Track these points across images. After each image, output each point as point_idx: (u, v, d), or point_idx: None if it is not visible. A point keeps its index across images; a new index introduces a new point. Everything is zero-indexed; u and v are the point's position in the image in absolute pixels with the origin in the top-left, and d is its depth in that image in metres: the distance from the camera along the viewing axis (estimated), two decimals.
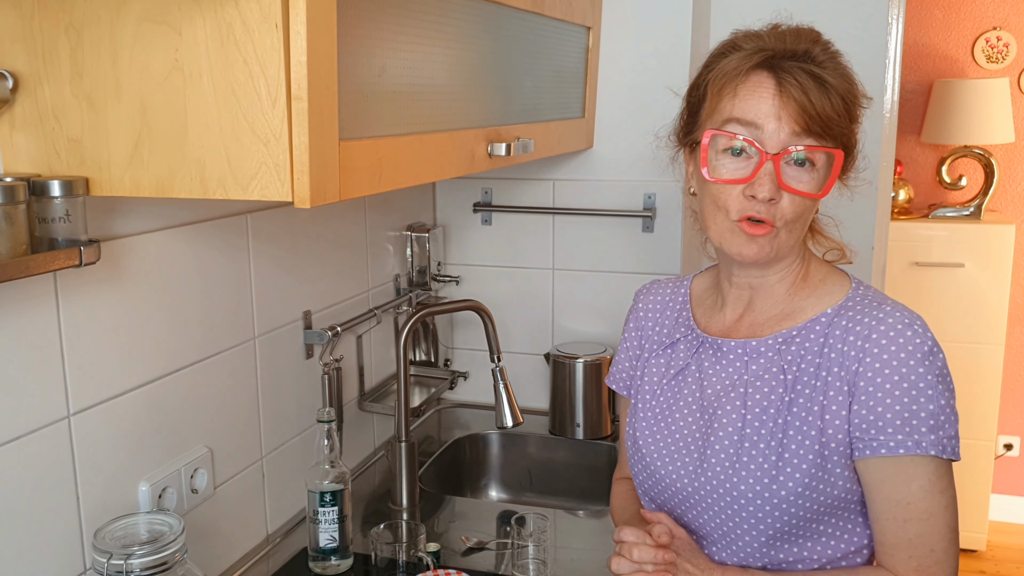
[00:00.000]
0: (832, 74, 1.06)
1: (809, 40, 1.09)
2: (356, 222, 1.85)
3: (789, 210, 1.07)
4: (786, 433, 1.09)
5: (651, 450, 1.21)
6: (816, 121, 1.04)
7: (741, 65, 1.07)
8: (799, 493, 1.08)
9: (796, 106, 1.04)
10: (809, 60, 1.06)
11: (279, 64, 0.90)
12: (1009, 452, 3.73)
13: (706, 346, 1.20)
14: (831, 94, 1.05)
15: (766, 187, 1.05)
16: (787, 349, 1.13)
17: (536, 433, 2.11)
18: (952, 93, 3.41)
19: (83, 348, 1.15)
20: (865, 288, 1.15)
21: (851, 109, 1.08)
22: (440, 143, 1.25)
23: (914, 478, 1.05)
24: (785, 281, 1.17)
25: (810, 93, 1.04)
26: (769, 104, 1.05)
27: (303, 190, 0.93)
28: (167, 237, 1.29)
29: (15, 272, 0.93)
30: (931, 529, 1.06)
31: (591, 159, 2.11)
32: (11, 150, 1.02)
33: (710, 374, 1.18)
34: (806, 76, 1.04)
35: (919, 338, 1.05)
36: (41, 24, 0.97)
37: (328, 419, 1.47)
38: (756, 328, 1.17)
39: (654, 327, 1.30)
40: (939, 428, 1.04)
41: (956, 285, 3.34)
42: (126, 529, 1.12)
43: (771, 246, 1.09)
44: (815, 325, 1.12)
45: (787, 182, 1.06)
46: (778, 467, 1.09)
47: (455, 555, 1.54)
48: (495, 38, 1.44)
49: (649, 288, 1.35)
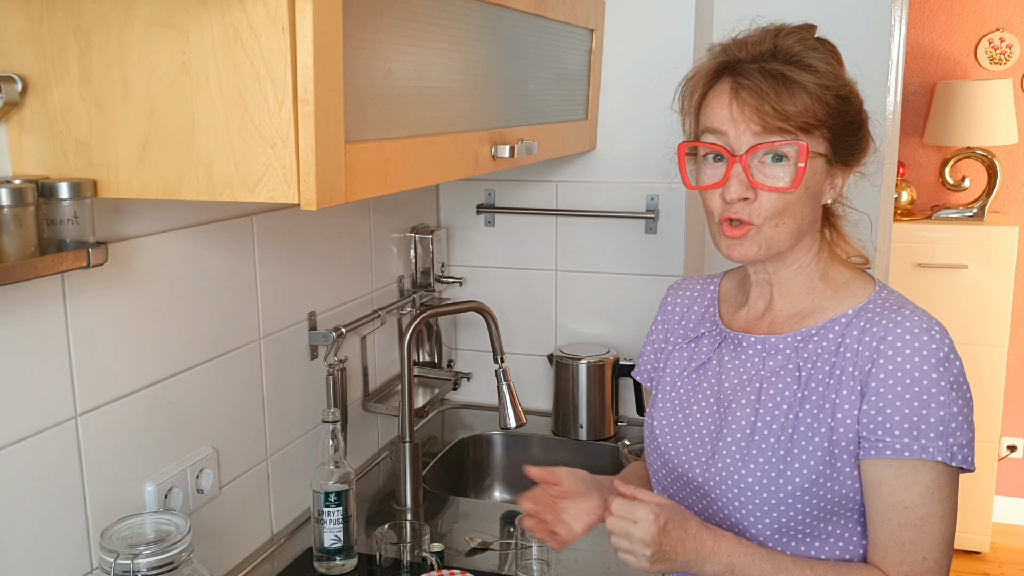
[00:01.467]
0: (799, 66, 1.07)
1: (777, 36, 1.10)
2: (360, 224, 1.85)
3: (768, 206, 1.09)
4: (796, 429, 1.11)
5: (666, 439, 1.23)
6: (774, 117, 1.06)
7: (700, 77, 1.14)
8: (805, 489, 1.09)
9: (750, 107, 1.07)
10: (773, 58, 1.09)
11: (285, 67, 0.91)
12: (1013, 454, 3.72)
13: (727, 341, 1.22)
14: (793, 87, 1.06)
15: (732, 188, 1.09)
16: (804, 347, 1.14)
17: (539, 434, 2.11)
18: (955, 94, 3.41)
19: (90, 349, 1.16)
20: (888, 292, 1.15)
21: (825, 95, 1.07)
22: (445, 145, 1.26)
23: (915, 483, 1.05)
24: (801, 276, 1.17)
25: (764, 92, 1.06)
26: (727, 110, 1.09)
27: (309, 192, 0.93)
28: (174, 239, 1.29)
29: (24, 273, 0.94)
30: (925, 536, 1.06)
31: (594, 161, 2.11)
32: (20, 152, 1.03)
33: (728, 368, 1.20)
34: (762, 75, 1.07)
35: (935, 344, 1.05)
36: (50, 27, 0.98)
37: (333, 420, 1.48)
38: (776, 325, 1.19)
39: (680, 320, 1.32)
40: (948, 435, 1.04)
41: (959, 287, 3.34)
42: (133, 529, 1.12)
43: (756, 244, 1.11)
44: (834, 325, 1.13)
45: (759, 180, 1.09)
46: (786, 461, 1.10)
47: (459, 555, 1.55)
48: (499, 41, 1.44)
49: (680, 284, 1.37)
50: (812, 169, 1.09)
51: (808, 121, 1.07)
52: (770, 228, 1.10)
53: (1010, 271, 3.29)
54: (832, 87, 1.08)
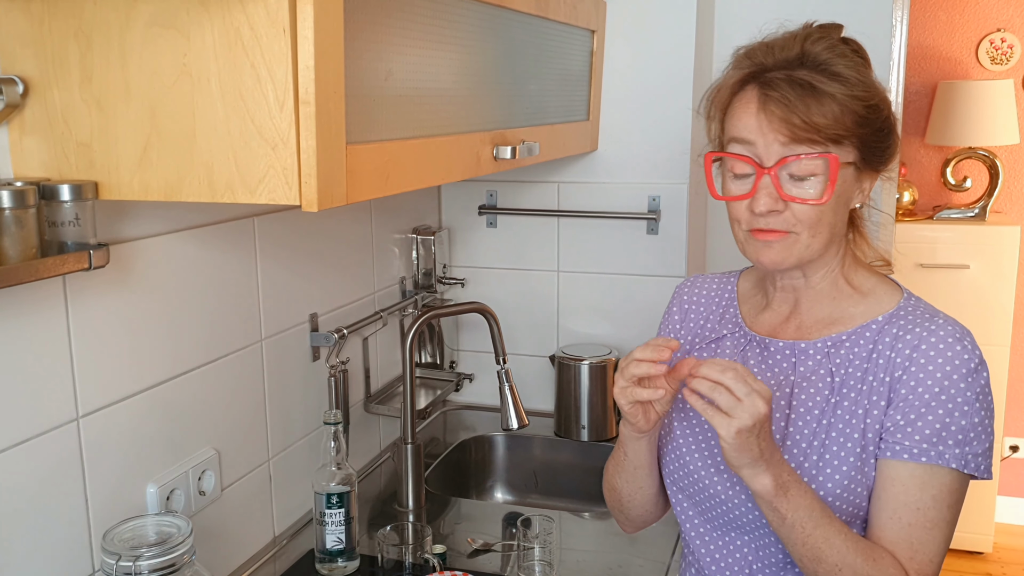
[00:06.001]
0: (827, 75, 1.05)
1: (806, 41, 1.08)
2: (362, 225, 1.85)
3: (803, 216, 1.08)
4: (829, 435, 1.10)
5: (688, 441, 1.20)
6: (803, 129, 1.04)
7: (728, 85, 1.12)
8: (837, 495, 1.08)
9: (778, 119, 1.05)
10: (801, 65, 1.07)
11: (287, 68, 0.90)
12: (1015, 454, 3.72)
13: (753, 344, 1.20)
14: (821, 97, 1.04)
15: (761, 201, 1.07)
16: (836, 352, 1.13)
17: (541, 435, 2.11)
18: (956, 95, 3.40)
19: (92, 351, 1.16)
20: (917, 300, 1.15)
21: (855, 105, 1.06)
22: (446, 146, 1.26)
23: (929, 486, 1.05)
24: (827, 281, 1.16)
25: (792, 103, 1.04)
26: (755, 120, 1.07)
27: (311, 194, 0.93)
28: (175, 240, 1.29)
29: (25, 275, 0.94)
30: (932, 539, 1.06)
31: (596, 161, 2.11)
32: (21, 154, 1.03)
33: (755, 373, 1.17)
34: (790, 85, 1.05)
35: (967, 354, 1.06)
36: (51, 29, 0.98)
37: (334, 421, 1.47)
38: (804, 331, 1.17)
39: (696, 319, 1.29)
40: (966, 443, 1.04)
41: (961, 287, 3.33)
42: (134, 531, 1.12)
43: (789, 251, 1.10)
44: (865, 331, 1.12)
45: (789, 192, 1.07)
46: (819, 467, 1.09)
47: (461, 557, 1.55)
48: (500, 42, 1.44)
49: (694, 281, 1.33)
50: (842, 178, 1.07)
51: (838, 132, 1.05)
52: (808, 236, 1.09)
53: (1012, 271, 3.29)
54: (861, 97, 1.06)
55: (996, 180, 3.44)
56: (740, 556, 1.18)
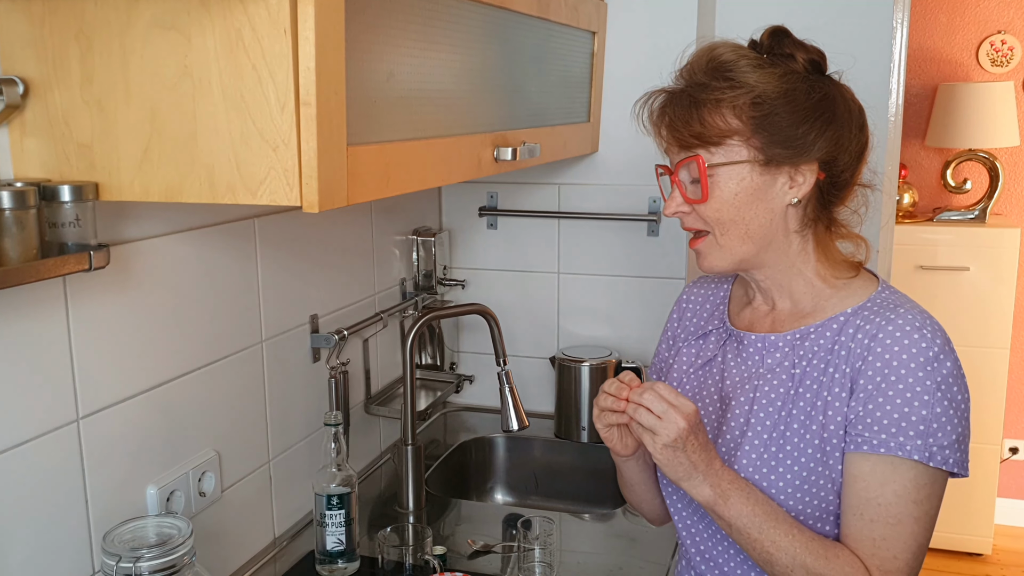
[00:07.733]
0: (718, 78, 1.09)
1: (713, 50, 1.14)
2: (362, 226, 1.85)
3: (705, 214, 1.13)
4: (788, 426, 1.11)
5: None
6: (686, 133, 1.11)
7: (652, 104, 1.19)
8: (797, 486, 1.09)
9: (666, 127, 1.14)
10: (700, 72, 1.13)
11: (288, 69, 0.90)
12: (1015, 456, 3.72)
13: (732, 339, 1.23)
14: (700, 104, 1.10)
15: (669, 205, 1.17)
16: (801, 345, 1.14)
17: (542, 436, 2.11)
18: (957, 97, 3.41)
19: (92, 352, 1.16)
20: (891, 292, 1.15)
21: (738, 102, 1.08)
22: (447, 148, 1.26)
23: (891, 481, 1.05)
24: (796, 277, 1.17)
25: (676, 113, 1.12)
26: (656, 131, 1.17)
27: (312, 195, 0.93)
28: (176, 241, 1.29)
29: (26, 276, 0.94)
30: (897, 535, 1.05)
31: (596, 163, 2.11)
32: (22, 155, 1.03)
33: (731, 366, 1.21)
34: (680, 93, 1.13)
35: (925, 342, 1.05)
36: (51, 30, 0.98)
37: (335, 422, 1.47)
38: (778, 324, 1.19)
39: (691, 317, 1.34)
40: (929, 435, 1.03)
41: (961, 289, 3.34)
42: (135, 532, 1.12)
43: (713, 253, 1.15)
44: (832, 324, 1.13)
45: (688, 195, 1.14)
46: (778, 458, 1.10)
47: (461, 558, 1.54)
48: (501, 43, 1.44)
49: (697, 282, 1.38)
50: (736, 176, 1.10)
51: (718, 135, 1.09)
52: (719, 236, 1.14)
53: (1012, 273, 3.29)
54: (747, 94, 1.08)
55: (996, 182, 3.45)
56: (733, 554, 1.19)
